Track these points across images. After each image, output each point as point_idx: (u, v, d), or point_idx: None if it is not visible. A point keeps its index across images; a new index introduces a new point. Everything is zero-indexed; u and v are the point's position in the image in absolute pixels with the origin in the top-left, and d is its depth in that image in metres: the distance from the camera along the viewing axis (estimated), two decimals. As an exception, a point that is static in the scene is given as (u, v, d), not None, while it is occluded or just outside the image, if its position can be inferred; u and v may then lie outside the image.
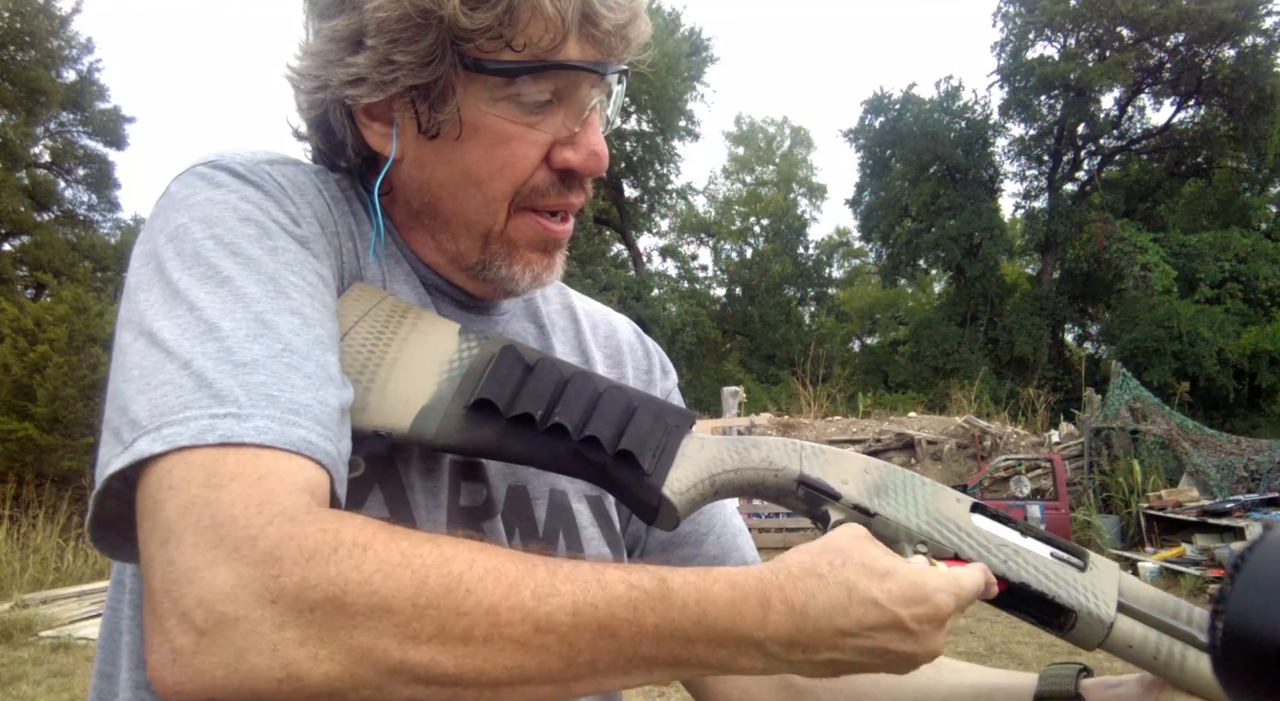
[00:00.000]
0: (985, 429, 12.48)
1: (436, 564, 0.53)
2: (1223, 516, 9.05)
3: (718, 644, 0.57)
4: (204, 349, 0.60)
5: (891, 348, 30.32)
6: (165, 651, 0.51)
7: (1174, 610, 0.67)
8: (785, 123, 38.17)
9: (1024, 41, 25.03)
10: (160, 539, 0.53)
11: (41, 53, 21.84)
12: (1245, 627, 0.49)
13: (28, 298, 19.62)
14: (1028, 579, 0.66)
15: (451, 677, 0.52)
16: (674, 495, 0.67)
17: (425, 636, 0.52)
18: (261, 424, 0.57)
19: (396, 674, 0.51)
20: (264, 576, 0.51)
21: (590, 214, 25.02)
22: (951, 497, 0.70)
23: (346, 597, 0.51)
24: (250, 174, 0.72)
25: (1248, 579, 0.51)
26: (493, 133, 0.73)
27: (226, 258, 0.65)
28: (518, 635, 0.53)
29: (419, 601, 0.52)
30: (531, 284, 0.80)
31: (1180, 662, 0.65)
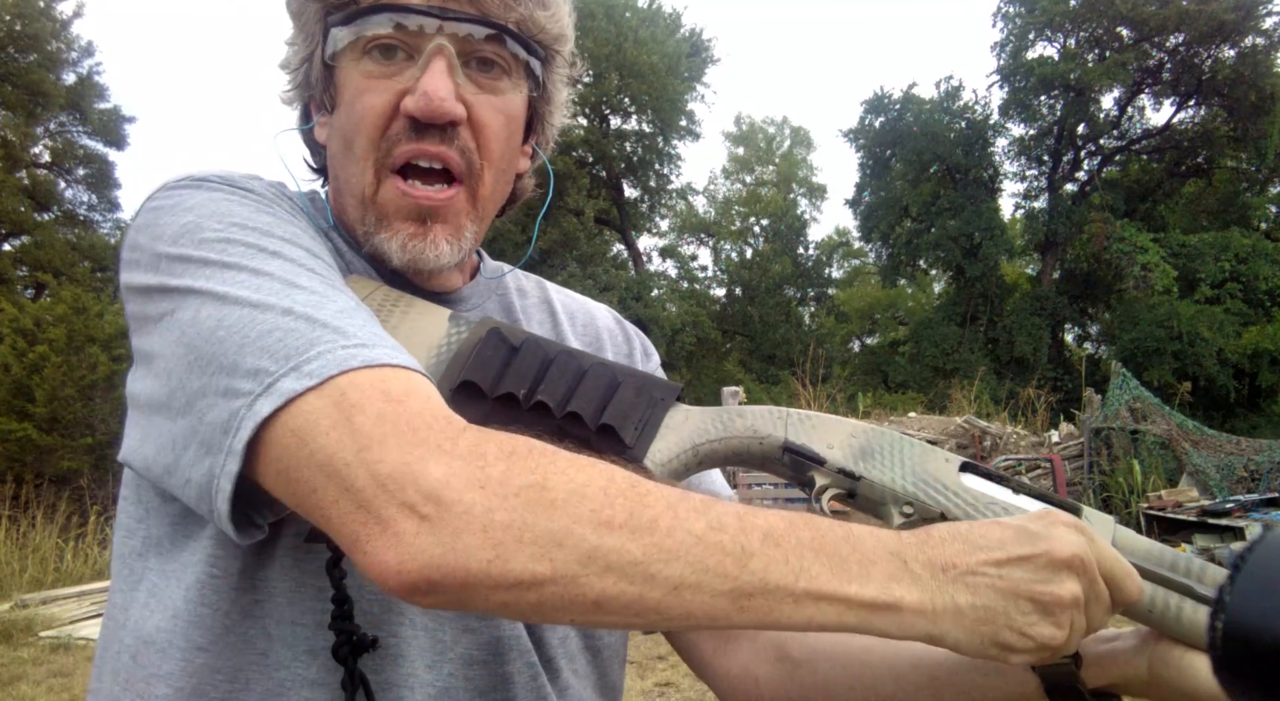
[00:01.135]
0: (985, 429, 12.47)
1: (614, 467, 0.58)
2: (1223, 516, 9.04)
3: (866, 558, 0.57)
4: (295, 299, 0.62)
5: (891, 348, 30.29)
6: (387, 538, 0.54)
7: (1171, 562, 0.66)
8: (785, 123, 38.19)
9: (1024, 42, 25.01)
10: (357, 447, 0.56)
11: (42, 55, 21.84)
12: (1245, 627, 0.49)
13: (27, 298, 19.60)
14: None
15: (640, 567, 0.54)
16: (656, 466, 0.68)
17: (617, 523, 0.54)
18: (386, 352, 0.61)
19: (591, 559, 0.54)
20: (472, 467, 0.55)
21: (590, 214, 25.01)
22: (940, 458, 0.70)
23: (548, 484, 0.55)
24: (235, 181, 0.75)
25: (1248, 579, 0.51)
26: (353, 89, 0.77)
27: (262, 238, 0.68)
28: (696, 529, 0.56)
29: (610, 491, 0.55)
30: (402, 255, 0.78)
31: (1176, 614, 0.64)
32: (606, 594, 0.54)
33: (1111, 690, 0.69)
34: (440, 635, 0.74)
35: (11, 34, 21.25)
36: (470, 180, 0.79)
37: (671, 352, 26.51)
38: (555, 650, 0.81)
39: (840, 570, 0.57)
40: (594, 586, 0.54)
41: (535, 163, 0.93)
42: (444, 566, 0.53)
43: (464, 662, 0.74)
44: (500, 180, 0.84)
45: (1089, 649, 0.69)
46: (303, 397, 0.57)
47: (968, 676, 0.74)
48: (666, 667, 5.43)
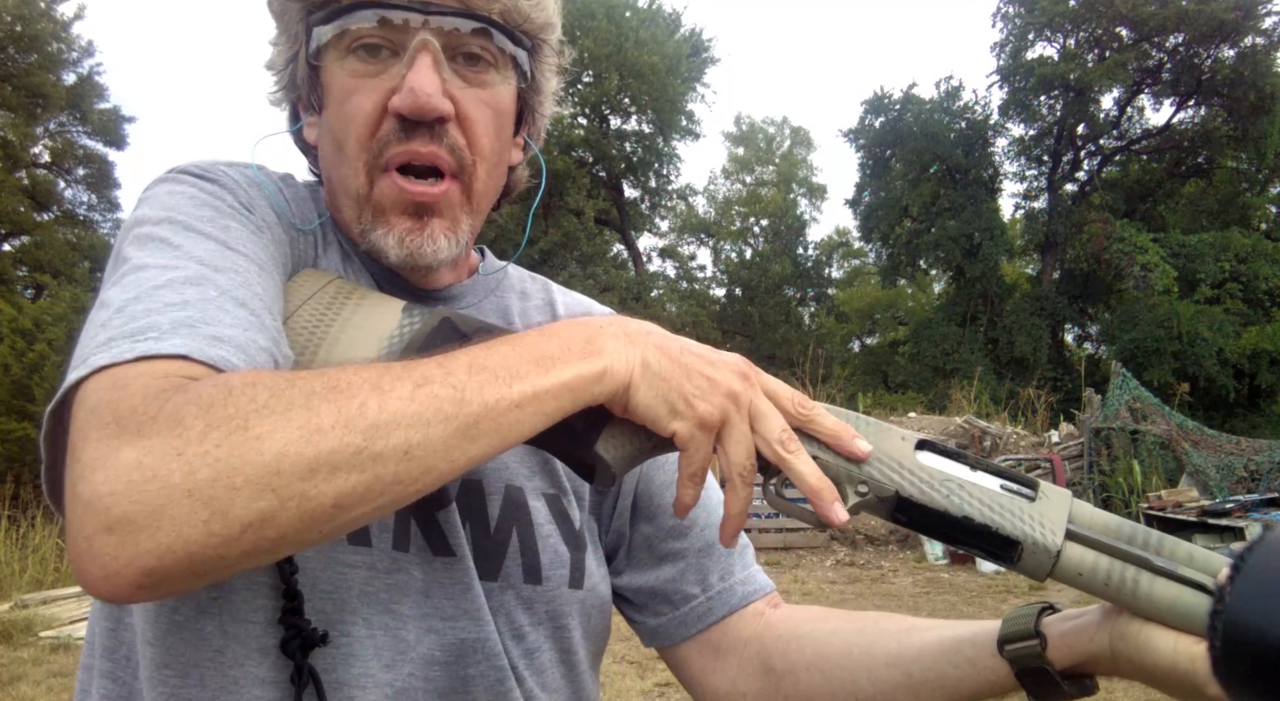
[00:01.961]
0: (985, 429, 12.47)
1: (317, 376, 0.56)
2: (1223, 516, 9.04)
3: (565, 338, 0.63)
4: (139, 293, 0.63)
5: (891, 348, 30.29)
6: (79, 540, 0.51)
7: (1128, 535, 0.65)
8: (785, 123, 38.19)
9: (1024, 42, 25.01)
10: (72, 442, 0.55)
11: (43, 56, 21.84)
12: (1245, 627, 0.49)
13: (27, 298, 19.60)
14: (970, 512, 0.65)
15: (365, 453, 0.53)
16: (605, 450, 0.67)
17: (327, 425, 0.53)
18: (179, 342, 0.59)
19: (314, 470, 0.52)
20: (167, 438, 0.52)
21: (590, 214, 25.01)
22: (896, 436, 0.70)
23: (249, 423, 0.52)
24: (206, 172, 0.76)
25: (1247, 579, 0.51)
26: (340, 90, 0.77)
27: (178, 232, 0.68)
28: (404, 393, 0.56)
29: (312, 401, 0.54)
30: (399, 251, 0.78)
31: (1133, 588, 0.63)
32: (342, 491, 0.53)
33: (1081, 670, 0.68)
34: (402, 634, 0.73)
35: (12, 34, 21.25)
36: (463, 176, 0.79)
37: (671, 353, 26.39)
38: (519, 660, 0.80)
39: (545, 363, 0.61)
40: (326, 492, 0.53)
41: (528, 154, 0.93)
42: (156, 550, 0.50)
43: (424, 663, 0.74)
44: (493, 174, 0.83)
45: (1053, 628, 0.69)
46: (73, 391, 0.58)
47: (941, 669, 0.75)
48: (666, 667, 5.40)
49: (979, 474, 0.69)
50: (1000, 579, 9.02)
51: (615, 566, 0.94)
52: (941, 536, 0.67)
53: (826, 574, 9.50)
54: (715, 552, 0.93)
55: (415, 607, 0.74)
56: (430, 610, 0.75)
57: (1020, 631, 0.70)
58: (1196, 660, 0.58)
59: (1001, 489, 0.67)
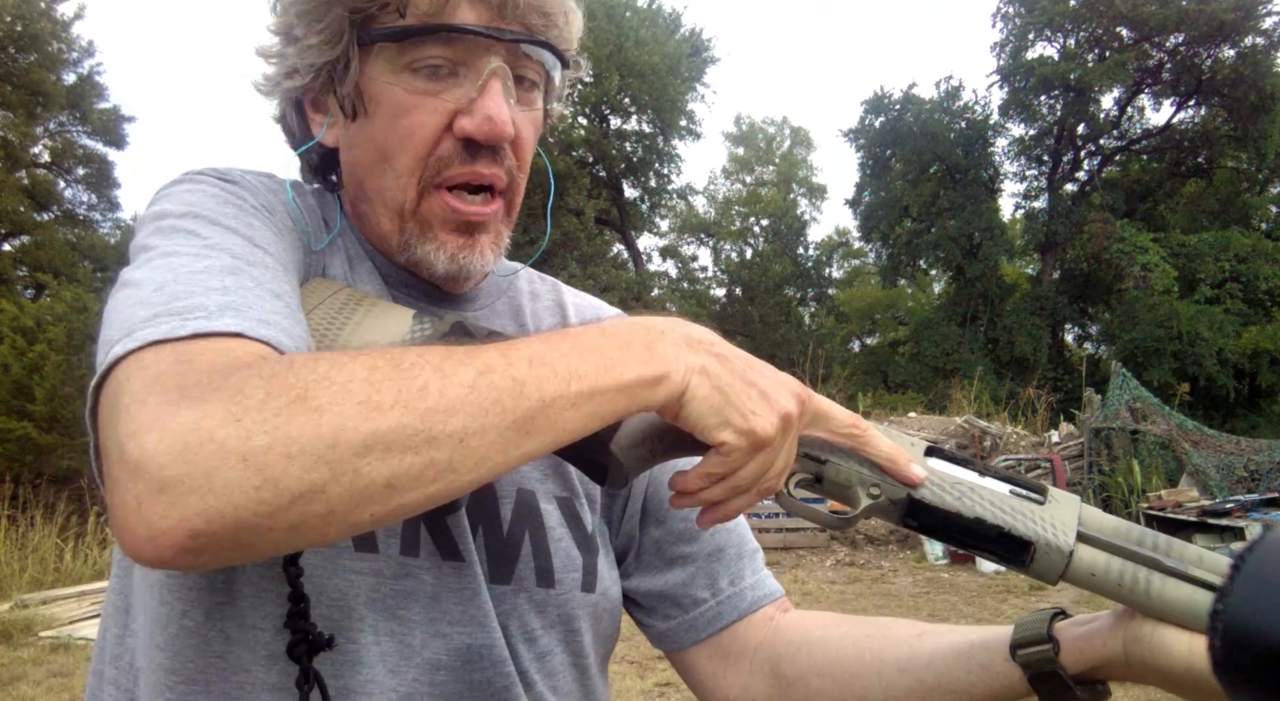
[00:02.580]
0: (985, 429, 12.48)
1: (380, 354, 0.56)
2: (1223, 516, 9.04)
3: (625, 341, 0.62)
4: (176, 276, 0.62)
5: (891, 348, 30.30)
6: (128, 501, 0.50)
7: (1138, 538, 0.65)
8: (785, 123, 38.19)
9: (1024, 42, 25.02)
10: (124, 405, 0.54)
11: (43, 55, 21.85)
12: (1245, 627, 0.49)
13: (27, 298, 19.61)
14: (983, 513, 0.65)
15: (421, 435, 0.53)
16: (620, 451, 0.67)
17: (387, 404, 0.53)
18: (230, 321, 0.59)
19: (369, 447, 0.52)
20: (227, 404, 0.51)
21: (590, 214, 25.02)
22: (906, 442, 0.70)
23: (309, 393, 0.52)
24: (225, 174, 0.76)
25: (1248, 579, 0.51)
26: (394, 104, 0.76)
27: (204, 225, 0.69)
28: (466, 379, 0.55)
29: (374, 377, 0.54)
30: (449, 266, 0.79)
31: (1145, 588, 0.63)
32: (395, 472, 0.53)
33: (1094, 675, 0.68)
34: (408, 639, 0.73)
35: (12, 34, 21.25)
36: (509, 193, 0.82)
37: (671, 352, 26.39)
38: (530, 663, 0.80)
39: (603, 363, 0.60)
40: (380, 471, 0.52)
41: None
42: (204, 512, 0.49)
43: (430, 668, 0.74)
44: (524, 185, 0.86)
45: (1066, 632, 0.69)
46: (120, 363, 0.57)
47: (953, 674, 0.75)
48: (666, 667, 5.42)
49: (988, 480, 0.69)
50: (1000, 579, 9.02)
51: (625, 569, 0.94)
52: (953, 540, 0.67)
53: (826, 574, 9.50)
54: (725, 557, 0.93)
55: (423, 613, 0.74)
56: (438, 615, 0.75)
57: (1033, 636, 0.70)
58: (1201, 652, 0.59)
59: (1011, 493, 0.68)
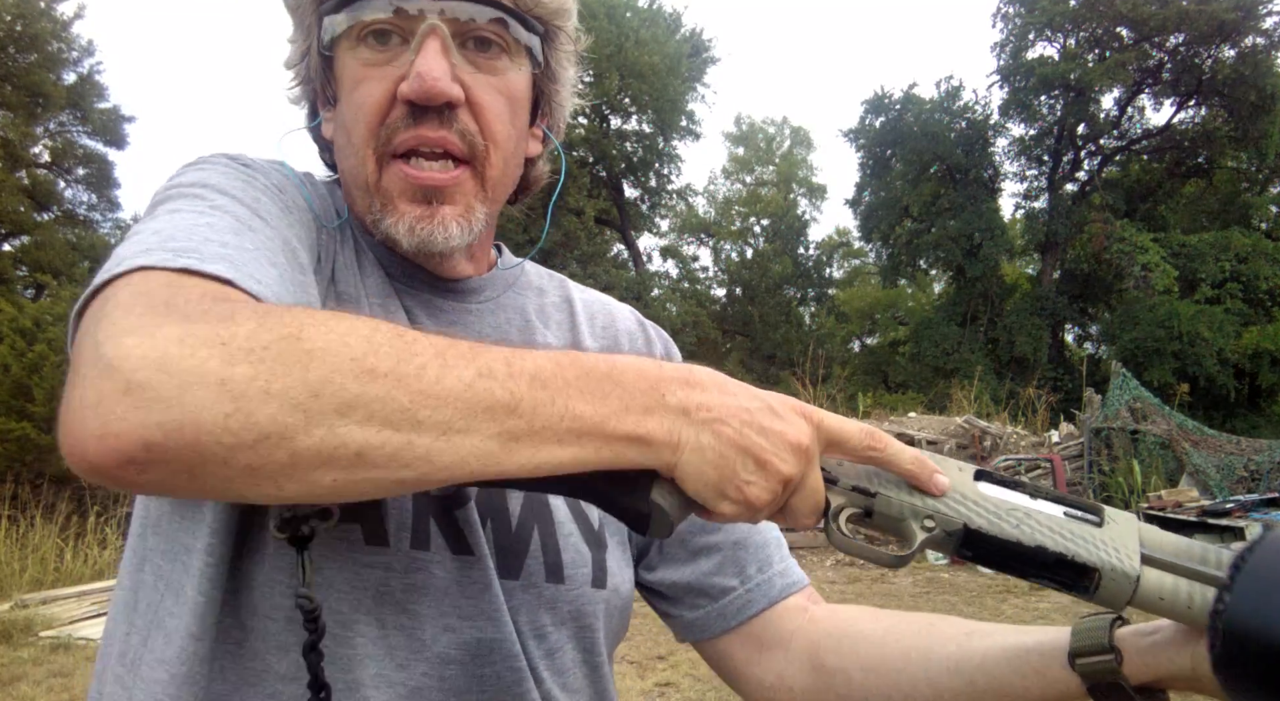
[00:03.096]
0: (985, 429, 12.47)
1: (385, 323, 0.54)
2: (1223, 516, 9.04)
3: (627, 393, 0.59)
4: (176, 226, 0.62)
5: (891, 348, 30.29)
6: (88, 395, 0.47)
7: (1200, 555, 0.63)
8: (785, 123, 38.21)
9: (1024, 42, 25.01)
10: (107, 312, 0.52)
11: (43, 55, 21.84)
12: (1245, 627, 0.49)
13: (27, 298, 19.60)
14: (1043, 540, 0.62)
15: (408, 415, 0.51)
16: (663, 499, 0.61)
17: (381, 371, 0.51)
18: (223, 267, 0.58)
19: (351, 408, 0.50)
20: (214, 326, 0.49)
21: (590, 214, 25.01)
22: (954, 467, 0.67)
23: (303, 334, 0.50)
24: (238, 156, 0.77)
25: (1248, 579, 0.51)
26: (351, 79, 0.77)
27: (211, 193, 0.69)
28: (465, 376, 0.53)
29: (375, 339, 0.52)
30: (410, 238, 0.76)
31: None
32: (370, 443, 0.50)
33: (1157, 685, 0.67)
34: (418, 633, 0.73)
35: (12, 34, 21.25)
36: (476, 162, 0.78)
37: (671, 352, 26.41)
38: (540, 660, 0.79)
39: (602, 407, 0.58)
40: (355, 436, 0.50)
41: (548, 147, 0.91)
42: (165, 423, 0.46)
43: (440, 662, 0.73)
44: (509, 163, 0.82)
45: (1130, 643, 0.67)
46: (109, 284, 0.56)
47: (1006, 678, 0.73)
48: (666, 667, 5.42)
49: (1040, 501, 0.66)
50: (1000, 580, 9.00)
51: (648, 563, 0.93)
52: (1011, 569, 0.64)
53: (826, 573, 9.50)
54: (751, 544, 0.92)
55: (433, 607, 0.73)
56: (448, 609, 0.74)
57: (1094, 645, 0.68)
58: None
59: (1066, 516, 0.65)
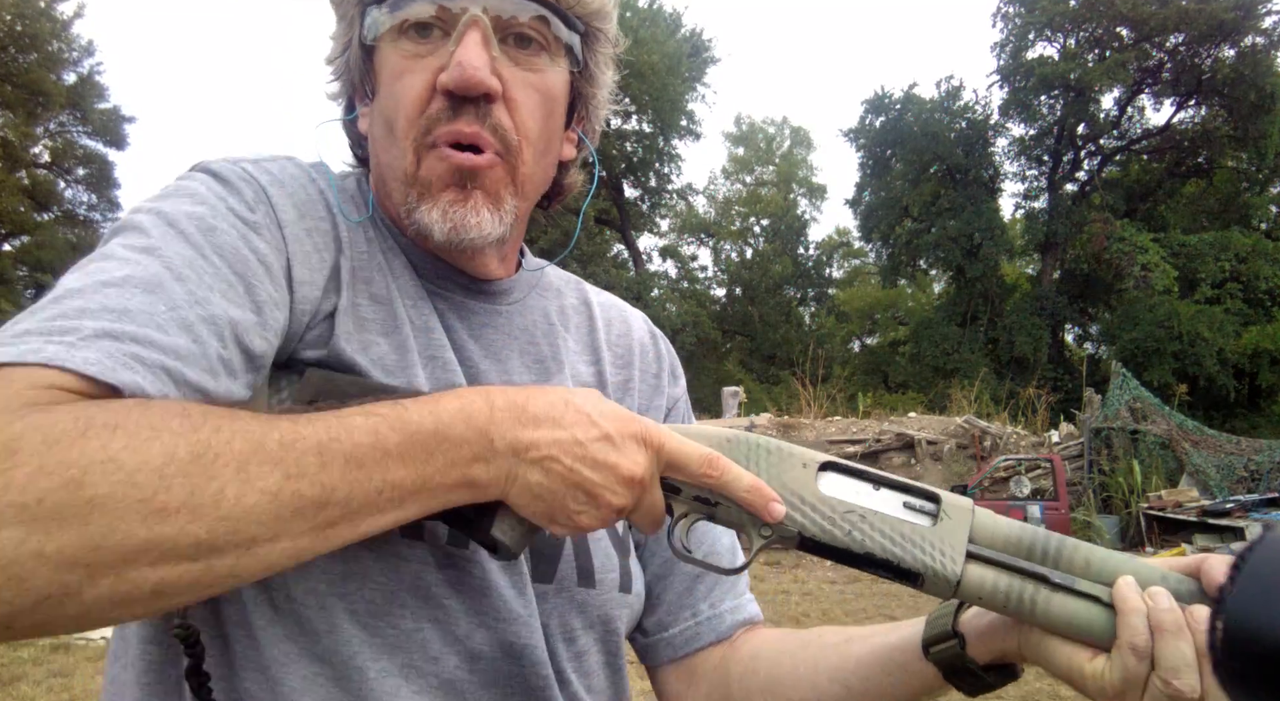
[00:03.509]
0: (985, 429, 12.47)
1: (186, 432, 0.51)
2: (1223, 516, 9.05)
3: (454, 447, 0.59)
4: (84, 287, 0.60)
5: (891, 348, 30.31)
6: None
7: (1028, 548, 0.66)
8: (785, 123, 38.23)
9: (1024, 42, 25.02)
10: None
11: (43, 55, 21.86)
12: (1245, 627, 0.49)
13: (28, 298, 19.61)
14: (871, 547, 0.65)
15: (205, 545, 0.50)
16: (503, 533, 0.65)
17: (173, 507, 0.48)
18: (89, 355, 0.54)
19: (142, 553, 0.48)
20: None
21: (590, 214, 25.02)
22: (799, 463, 0.68)
23: (85, 479, 0.47)
24: (221, 171, 0.74)
25: (1248, 579, 0.51)
26: (392, 71, 0.76)
27: (159, 225, 0.67)
28: (270, 486, 0.52)
29: (168, 470, 0.49)
30: (446, 225, 0.75)
31: (1030, 606, 0.64)
32: (166, 579, 0.49)
33: (1004, 661, 0.71)
34: (451, 628, 0.73)
35: (12, 34, 21.27)
36: (509, 157, 0.77)
37: (671, 352, 26.44)
38: (567, 662, 0.80)
39: (425, 467, 0.58)
40: (148, 577, 0.48)
41: (582, 152, 0.91)
42: None
43: (471, 658, 0.73)
44: (540, 161, 0.81)
45: (970, 626, 0.71)
46: None
47: (876, 678, 0.78)
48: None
49: (882, 492, 0.68)
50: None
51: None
52: (847, 564, 0.67)
53: (826, 573, 9.50)
54: (707, 578, 0.93)
55: (469, 604, 0.73)
56: (485, 608, 0.74)
57: (940, 633, 0.72)
58: (1086, 673, 0.62)
59: (904, 508, 0.67)
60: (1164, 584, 0.63)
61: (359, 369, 0.73)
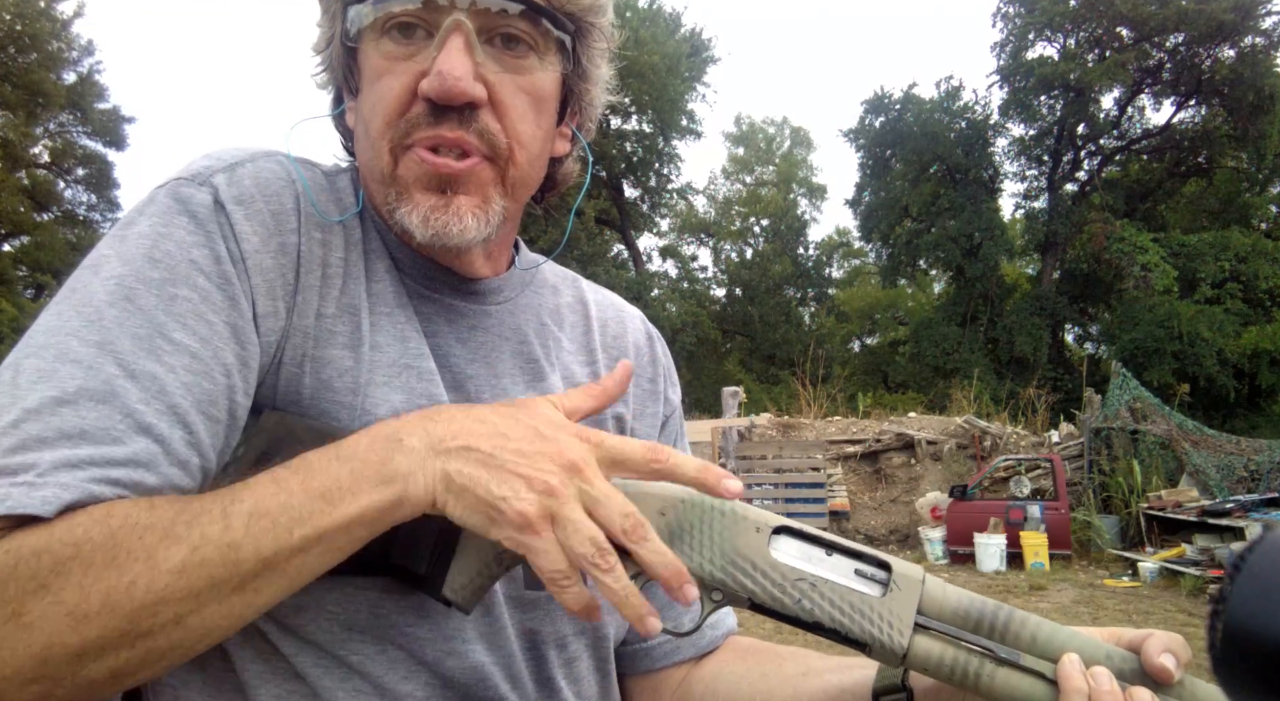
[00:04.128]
0: (985, 429, 12.47)
1: (104, 541, 0.55)
2: (1223, 516, 9.04)
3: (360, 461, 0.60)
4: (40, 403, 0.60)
5: (891, 347, 30.31)
6: None
7: (975, 620, 0.66)
8: (785, 123, 38.23)
9: (1024, 42, 25.02)
10: None
11: (43, 55, 21.86)
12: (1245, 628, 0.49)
13: (28, 298, 19.61)
14: (820, 618, 0.66)
15: (132, 633, 0.54)
16: (454, 592, 0.66)
17: (94, 612, 0.53)
18: (48, 494, 0.56)
19: (81, 656, 0.54)
20: None
21: (590, 214, 25.02)
22: (751, 528, 0.68)
23: (23, 608, 0.53)
24: (191, 202, 0.69)
25: (1247, 579, 0.51)
26: (373, 70, 0.75)
27: (117, 301, 0.65)
28: (175, 562, 0.55)
29: (86, 581, 0.53)
30: (424, 228, 0.73)
31: (975, 680, 0.65)
32: (115, 667, 0.55)
33: None
34: (419, 654, 0.72)
35: (12, 34, 21.27)
36: (498, 160, 0.75)
37: (671, 353, 26.41)
38: (558, 670, 0.80)
39: (334, 496, 0.59)
40: (99, 669, 0.54)
41: (576, 146, 0.88)
42: None
43: (443, 680, 0.73)
44: (534, 163, 0.79)
45: (920, 683, 0.73)
46: None
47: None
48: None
49: (835, 558, 0.68)
50: (1000, 579, 9.02)
51: None
52: (795, 626, 0.68)
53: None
54: None
55: (435, 628, 0.73)
56: (451, 632, 0.73)
57: (890, 685, 0.75)
58: None
59: (856, 574, 0.68)
60: (1107, 663, 0.64)
61: (303, 395, 0.71)
